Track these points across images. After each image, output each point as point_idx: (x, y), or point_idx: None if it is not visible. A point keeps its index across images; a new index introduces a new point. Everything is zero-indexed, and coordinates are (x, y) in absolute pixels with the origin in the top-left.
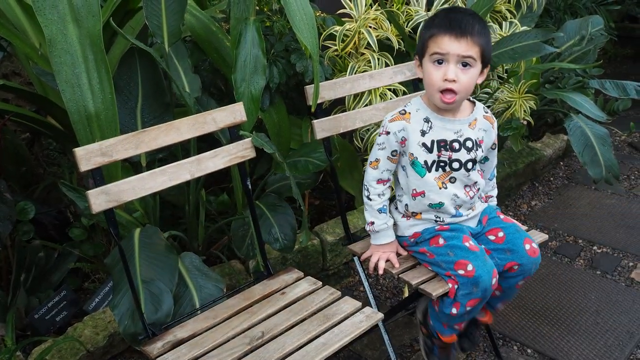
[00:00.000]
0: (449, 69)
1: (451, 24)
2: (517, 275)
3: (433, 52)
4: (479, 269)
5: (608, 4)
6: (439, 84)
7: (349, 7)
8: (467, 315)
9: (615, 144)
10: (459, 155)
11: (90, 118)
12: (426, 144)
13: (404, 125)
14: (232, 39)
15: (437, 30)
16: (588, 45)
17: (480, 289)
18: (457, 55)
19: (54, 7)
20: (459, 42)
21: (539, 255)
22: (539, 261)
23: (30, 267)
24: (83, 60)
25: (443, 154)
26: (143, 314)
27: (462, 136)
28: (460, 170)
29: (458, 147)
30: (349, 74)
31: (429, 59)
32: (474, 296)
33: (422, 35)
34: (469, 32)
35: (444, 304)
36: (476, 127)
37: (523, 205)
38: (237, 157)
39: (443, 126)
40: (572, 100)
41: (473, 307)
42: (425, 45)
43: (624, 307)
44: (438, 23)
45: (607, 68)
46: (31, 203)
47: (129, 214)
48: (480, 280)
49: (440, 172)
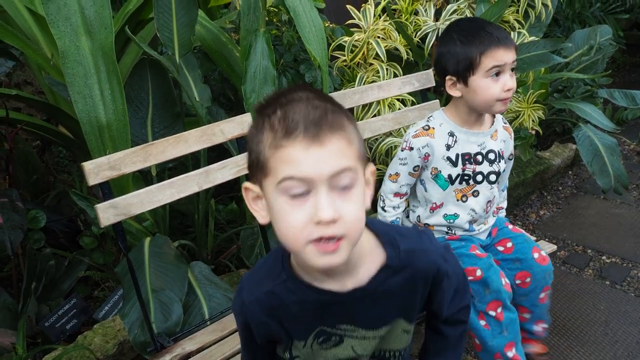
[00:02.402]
0: (507, 79)
1: (497, 36)
2: (533, 288)
3: (492, 67)
4: (486, 271)
5: (617, 13)
6: (500, 95)
7: (358, 17)
8: (505, 331)
9: (624, 153)
10: (481, 167)
11: (102, 129)
12: (451, 157)
13: (428, 142)
14: (242, 50)
15: (488, 45)
16: (597, 54)
17: (492, 289)
18: (511, 64)
19: (67, 19)
20: (510, 51)
21: (549, 262)
22: (550, 269)
23: (40, 275)
24: (95, 71)
25: (467, 167)
26: (152, 326)
27: (484, 148)
28: (482, 182)
29: (481, 159)
30: (357, 84)
31: (483, 75)
32: (488, 298)
33: (463, 54)
34: (510, 40)
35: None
36: (498, 139)
37: (532, 215)
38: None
39: (467, 139)
40: (581, 110)
41: (499, 315)
42: (477, 63)
43: (634, 318)
44: (481, 38)
45: (615, 76)
46: (42, 211)
47: (139, 223)
48: (489, 281)
49: (464, 185)
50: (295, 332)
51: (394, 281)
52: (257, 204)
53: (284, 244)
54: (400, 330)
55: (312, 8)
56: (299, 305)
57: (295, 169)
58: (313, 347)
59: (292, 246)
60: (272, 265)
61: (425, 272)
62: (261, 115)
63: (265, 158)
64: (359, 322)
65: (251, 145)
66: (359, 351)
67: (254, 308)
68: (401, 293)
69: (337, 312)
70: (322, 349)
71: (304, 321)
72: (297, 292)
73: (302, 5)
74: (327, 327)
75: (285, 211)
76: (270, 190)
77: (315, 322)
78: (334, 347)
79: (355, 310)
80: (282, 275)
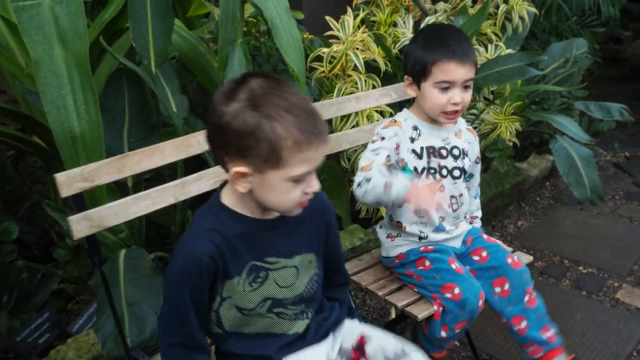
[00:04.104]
0: (455, 94)
1: (453, 50)
2: (514, 294)
3: (440, 80)
4: (465, 292)
5: (593, 26)
6: (445, 108)
7: (337, 29)
8: (456, 337)
9: (601, 164)
10: (446, 162)
11: (75, 139)
12: (416, 150)
13: (396, 131)
14: (219, 61)
15: (441, 57)
16: (572, 67)
17: (467, 311)
18: (462, 80)
19: (40, 28)
20: (464, 68)
21: (523, 266)
22: (526, 271)
23: (12, 289)
24: (69, 81)
25: (432, 160)
26: (126, 340)
27: (449, 144)
28: (447, 177)
29: (445, 154)
30: (336, 95)
31: (432, 85)
32: (461, 319)
33: (419, 58)
34: (470, 56)
35: (433, 327)
36: (462, 138)
37: (509, 226)
38: (222, 180)
39: (430, 133)
40: (557, 122)
41: (461, 330)
42: (428, 71)
43: (610, 328)
44: (437, 47)
45: (592, 89)
46: (14, 223)
47: (114, 234)
48: (467, 303)
49: (431, 180)
50: (233, 267)
51: (305, 211)
52: (241, 180)
53: (273, 207)
54: (308, 262)
55: (290, 19)
56: (237, 237)
57: (310, 167)
58: (245, 286)
59: (284, 208)
60: (201, 218)
61: (325, 209)
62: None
63: (281, 155)
64: (281, 252)
65: (258, 133)
66: (281, 283)
67: (205, 247)
68: (310, 224)
69: (265, 244)
70: (252, 289)
71: (240, 255)
72: (234, 224)
73: (279, 16)
74: (257, 261)
75: (288, 189)
76: (276, 177)
77: (247, 256)
78: (261, 285)
79: (277, 239)
80: (218, 213)
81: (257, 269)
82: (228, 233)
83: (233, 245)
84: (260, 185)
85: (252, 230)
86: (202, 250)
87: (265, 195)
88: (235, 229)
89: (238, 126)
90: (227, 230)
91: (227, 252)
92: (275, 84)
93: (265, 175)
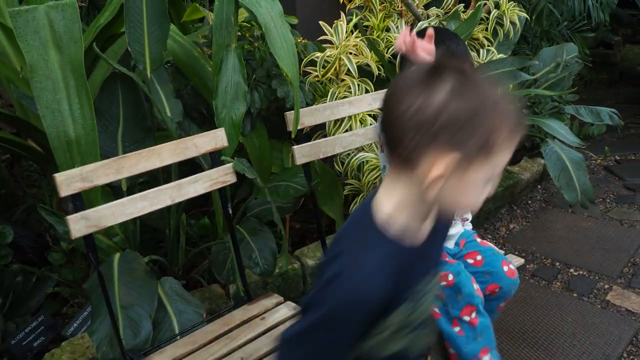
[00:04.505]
0: None
1: (453, 50)
2: (498, 297)
3: None
4: (457, 275)
5: (583, 31)
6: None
7: (330, 34)
8: (479, 337)
9: (591, 168)
10: None
11: (70, 143)
12: None
13: None
14: (213, 65)
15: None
16: (563, 72)
17: (465, 294)
18: None
19: (36, 33)
20: None
21: (517, 276)
22: (517, 282)
23: (7, 292)
24: (64, 86)
25: None
26: (122, 340)
27: None
28: None
29: None
30: (329, 99)
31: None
32: (462, 304)
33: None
34: (468, 57)
35: (443, 325)
36: None
37: (501, 229)
38: (218, 182)
39: None
40: (548, 126)
41: (473, 320)
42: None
43: (600, 330)
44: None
45: (583, 93)
46: (9, 227)
47: (108, 238)
48: (461, 285)
49: None
50: (405, 295)
51: None
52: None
53: (461, 206)
54: None
55: (284, 24)
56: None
57: (508, 158)
58: (409, 314)
59: (471, 206)
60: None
61: None
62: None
63: (495, 145)
64: (432, 266)
65: (477, 119)
66: (429, 304)
67: (377, 280)
68: None
69: (421, 266)
70: (413, 316)
71: (415, 278)
72: (408, 253)
73: (273, 21)
74: (415, 286)
75: (483, 185)
76: (479, 169)
77: (413, 282)
78: (416, 310)
79: (428, 254)
80: (388, 243)
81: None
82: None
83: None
84: (456, 184)
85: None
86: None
87: (458, 195)
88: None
89: (452, 116)
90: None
91: (407, 281)
92: (470, 71)
93: (469, 168)
